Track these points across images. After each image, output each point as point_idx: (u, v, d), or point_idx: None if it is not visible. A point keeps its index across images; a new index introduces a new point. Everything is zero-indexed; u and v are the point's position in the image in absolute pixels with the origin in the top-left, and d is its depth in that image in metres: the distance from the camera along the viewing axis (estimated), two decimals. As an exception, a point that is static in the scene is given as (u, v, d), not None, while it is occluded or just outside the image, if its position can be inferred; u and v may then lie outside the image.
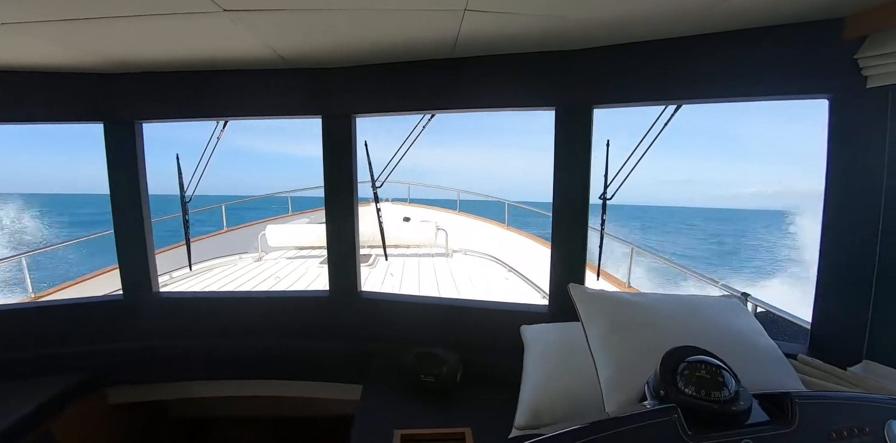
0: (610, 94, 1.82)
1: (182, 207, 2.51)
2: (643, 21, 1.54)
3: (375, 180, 2.37)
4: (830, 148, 1.56)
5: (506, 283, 4.74)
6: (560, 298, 1.97)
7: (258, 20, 1.48)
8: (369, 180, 2.43)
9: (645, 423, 0.83)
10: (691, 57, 1.68)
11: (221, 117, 2.31)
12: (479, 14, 1.42)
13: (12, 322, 2.29)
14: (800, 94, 1.59)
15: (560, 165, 1.92)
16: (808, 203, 39.97)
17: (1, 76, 2.04)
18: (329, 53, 1.90)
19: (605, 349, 1.31)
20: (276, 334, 2.28)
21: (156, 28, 1.54)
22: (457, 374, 1.84)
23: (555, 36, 1.67)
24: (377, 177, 2.38)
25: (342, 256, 2.29)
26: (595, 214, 2.02)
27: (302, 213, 9.51)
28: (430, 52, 1.87)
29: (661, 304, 1.43)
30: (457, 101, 2.02)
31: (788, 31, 1.54)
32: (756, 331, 1.42)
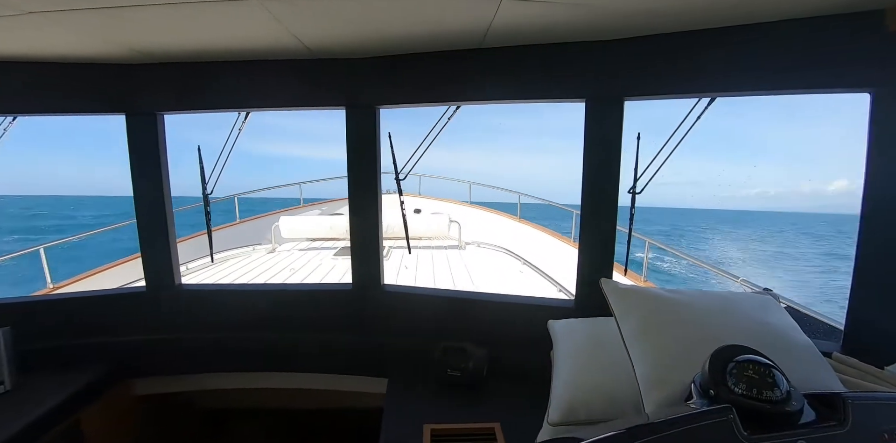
0: (642, 86, 1.78)
1: (204, 199, 2.51)
2: (681, 11, 1.50)
3: (399, 172, 2.35)
4: (871, 143, 1.52)
5: (521, 276, 4.72)
6: (587, 292, 1.95)
7: (287, 9, 1.45)
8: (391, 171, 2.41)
9: (700, 424, 0.81)
10: (727, 48, 1.63)
11: (243, 109, 2.29)
12: (516, 2, 1.38)
13: (39, 313, 2.32)
14: (840, 87, 1.55)
15: (590, 159, 1.89)
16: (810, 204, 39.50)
17: (23, 67, 2.04)
18: (355, 44, 1.87)
19: (641, 345, 1.29)
20: (299, 326, 2.29)
21: (185, 16, 1.52)
22: (483, 369, 1.84)
23: (587, 26, 1.64)
24: (400, 169, 2.36)
25: (365, 249, 2.28)
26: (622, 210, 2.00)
27: (313, 204, 9.53)
28: (460, 42, 1.84)
29: (696, 300, 1.41)
30: (484, 93, 1.98)
31: (828, 23, 1.49)
32: (792, 328, 1.40)
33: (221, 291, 2.44)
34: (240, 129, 2.41)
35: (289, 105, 2.20)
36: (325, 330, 2.26)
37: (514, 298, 2.19)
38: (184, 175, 6.36)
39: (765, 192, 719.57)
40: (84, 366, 2.14)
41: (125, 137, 2.26)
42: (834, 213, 27.53)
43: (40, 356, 2.15)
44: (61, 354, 2.19)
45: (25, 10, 1.41)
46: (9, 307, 2.32)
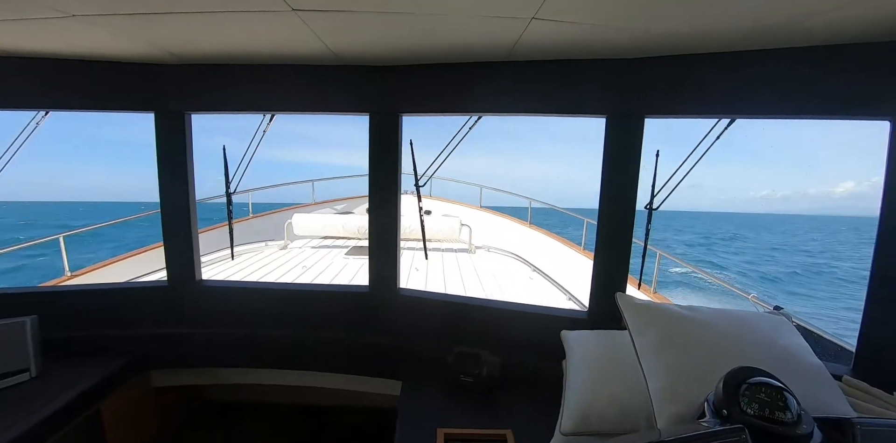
0: (663, 104, 1.81)
1: (227, 197, 2.58)
2: (700, 36, 1.53)
3: (419, 178, 2.39)
4: (889, 170, 1.54)
5: (530, 282, 4.75)
6: (601, 305, 1.98)
7: (321, 19, 1.50)
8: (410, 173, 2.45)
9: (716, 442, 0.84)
10: (749, 71, 1.66)
11: (269, 111, 2.34)
12: (544, 22, 1.42)
13: (64, 303, 2.39)
14: (858, 115, 1.56)
15: (608, 174, 1.91)
16: (818, 206, 38.84)
17: (59, 63, 2.10)
18: (383, 53, 1.92)
19: (656, 361, 1.32)
20: (315, 326, 2.34)
21: (222, 23, 1.58)
22: (496, 376, 1.87)
23: (612, 44, 1.67)
24: (420, 175, 2.41)
25: (383, 253, 2.32)
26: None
27: (325, 202, 9.60)
28: (485, 54, 1.88)
29: (711, 319, 1.43)
30: (506, 105, 2.02)
31: (849, 51, 1.52)
32: (805, 350, 1.42)
33: (241, 288, 2.49)
34: (264, 130, 2.47)
35: (313, 109, 2.24)
36: (340, 330, 2.31)
37: (527, 307, 2.22)
38: (202, 177, 6.48)
39: (771, 194, 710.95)
40: (106, 356, 2.20)
41: (147, 140, 2.32)
42: (847, 215, 26.84)
43: (64, 345, 2.23)
44: (84, 343, 2.26)
45: (69, 13, 1.47)
46: (36, 296, 2.40)
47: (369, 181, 2.26)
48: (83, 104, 2.24)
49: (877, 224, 1.58)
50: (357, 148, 2.44)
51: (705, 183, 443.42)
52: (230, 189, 2.54)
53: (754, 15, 1.34)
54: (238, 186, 2.61)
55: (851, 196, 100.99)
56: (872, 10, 1.21)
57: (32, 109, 2.30)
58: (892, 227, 1.55)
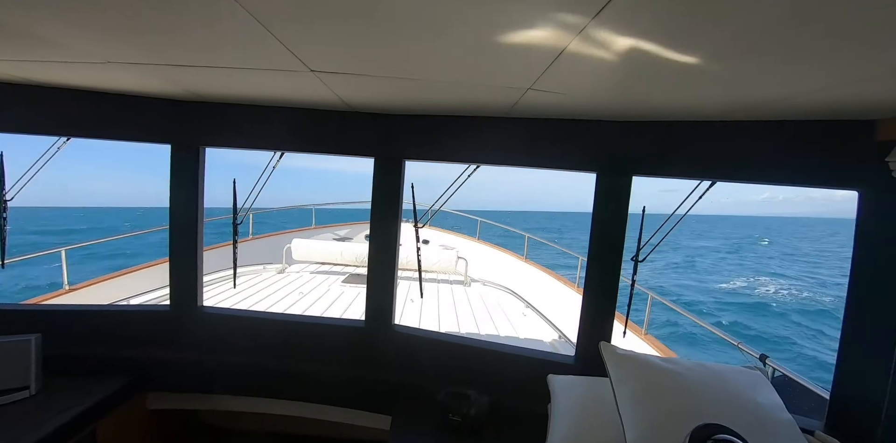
0: (649, 165, 1.95)
1: (233, 227, 2.68)
2: (690, 109, 1.67)
3: (418, 220, 2.50)
4: (857, 236, 1.66)
5: (523, 319, 4.79)
6: (588, 351, 2.06)
7: (336, 79, 1.65)
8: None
9: None
10: (729, 140, 1.80)
11: (279, 150, 2.47)
12: (539, 92, 1.57)
13: (67, 322, 2.45)
14: (830, 185, 1.70)
15: (597, 227, 2.03)
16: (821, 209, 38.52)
17: (87, 95, 2.23)
18: (389, 104, 2.06)
19: (633, 412, 1.40)
20: (311, 357, 2.40)
21: (244, 75, 1.72)
22: (484, 416, 1.93)
23: (603, 109, 1.82)
24: (420, 216, 2.52)
25: (381, 290, 2.42)
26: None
27: (325, 227, 9.70)
28: (486, 111, 2.03)
29: (689, 372, 1.52)
30: (503, 157, 2.16)
31: (825, 127, 1.65)
32: (777, 406, 1.50)
33: (240, 316, 2.56)
34: (274, 166, 2.59)
35: (321, 151, 2.38)
36: (335, 363, 2.37)
37: (518, 349, 2.29)
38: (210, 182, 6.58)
39: (773, 197, 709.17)
40: (104, 376, 2.25)
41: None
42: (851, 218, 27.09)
43: (64, 363, 2.27)
44: (84, 362, 2.31)
45: (105, 60, 1.61)
46: (39, 314, 2.46)
47: (371, 220, 2.37)
48: (104, 133, 2.35)
49: (846, 291, 1.69)
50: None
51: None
52: (237, 220, 2.64)
53: (729, 99, 1.50)
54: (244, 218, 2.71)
55: (854, 198, 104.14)
56: (838, 95, 1.35)
57: (55, 135, 2.42)
58: (862, 294, 1.65)
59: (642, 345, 4.03)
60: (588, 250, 2.06)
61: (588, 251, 2.06)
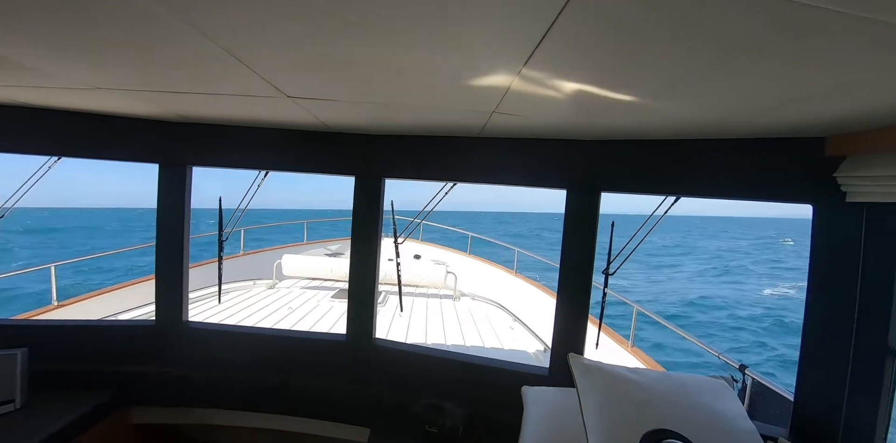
0: (615, 182, 2.04)
1: (219, 244, 2.74)
2: (650, 130, 1.77)
3: (398, 236, 2.58)
4: (814, 249, 1.74)
5: (510, 332, 4.84)
6: (561, 362, 2.11)
7: (312, 103, 1.74)
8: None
9: None
10: (690, 158, 1.90)
11: (263, 169, 2.57)
12: (503, 115, 1.67)
13: (53, 336, 2.49)
14: (785, 199, 1.78)
15: (568, 241, 2.12)
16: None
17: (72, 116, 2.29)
18: (368, 125, 2.16)
19: (596, 421, 1.46)
20: (293, 371, 2.44)
21: (226, 101, 1.81)
22: (459, 428, 1.97)
23: (568, 130, 1.92)
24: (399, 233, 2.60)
25: (361, 305, 2.48)
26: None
27: (318, 242, 9.73)
28: (460, 131, 2.13)
29: (652, 381, 1.57)
30: (477, 175, 2.25)
31: (778, 144, 1.75)
32: (738, 415, 1.55)
33: (224, 331, 2.61)
34: (259, 184, 2.68)
35: (304, 170, 2.47)
36: (317, 377, 2.40)
37: (495, 361, 2.35)
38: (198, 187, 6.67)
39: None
40: (89, 390, 2.28)
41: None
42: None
43: (49, 377, 2.30)
44: (69, 376, 2.34)
45: (94, 86, 1.69)
46: (25, 329, 2.50)
47: (352, 236, 2.45)
48: (93, 153, 2.42)
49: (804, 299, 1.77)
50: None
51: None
52: (223, 237, 2.71)
53: (676, 123, 1.59)
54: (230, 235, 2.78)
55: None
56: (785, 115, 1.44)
57: (46, 155, 2.49)
58: (818, 305, 1.73)
59: (629, 358, 4.08)
60: (560, 264, 2.14)
61: (560, 265, 2.14)
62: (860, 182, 1.57)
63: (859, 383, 1.64)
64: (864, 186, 1.56)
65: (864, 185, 1.57)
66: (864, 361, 1.63)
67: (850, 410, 1.65)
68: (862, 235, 1.63)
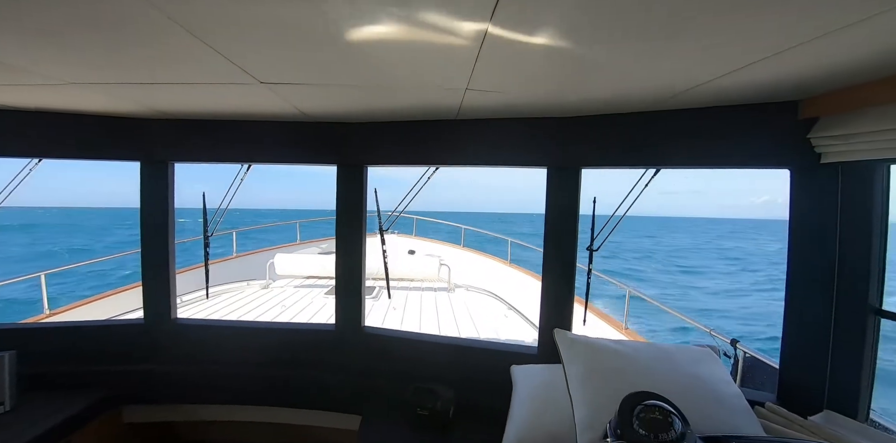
0: (595, 157, 2.03)
1: (204, 239, 2.72)
2: (617, 101, 1.77)
3: (383, 223, 2.57)
4: (792, 212, 1.74)
5: (505, 320, 4.85)
6: (549, 340, 2.12)
7: (286, 89, 1.73)
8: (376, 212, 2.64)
9: None
10: (666, 129, 1.89)
11: (245, 162, 2.55)
12: (477, 92, 1.65)
13: (42, 339, 2.48)
14: (763, 165, 1.78)
15: (551, 218, 2.11)
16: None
17: (53, 117, 2.29)
18: (346, 112, 2.15)
19: (581, 391, 1.46)
20: (284, 363, 2.43)
21: (201, 91, 1.80)
22: (450, 409, 1.97)
23: (544, 107, 1.91)
24: (384, 220, 2.59)
25: (348, 294, 2.47)
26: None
27: (310, 241, 9.72)
28: (438, 114, 2.11)
29: (636, 352, 1.58)
30: (459, 158, 2.24)
31: (750, 110, 1.75)
32: (722, 380, 1.56)
33: (213, 326, 2.59)
34: (241, 178, 2.66)
35: (286, 161, 2.46)
36: (308, 367, 2.40)
37: (483, 343, 2.35)
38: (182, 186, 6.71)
39: (772, 200, 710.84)
40: (79, 391, 2.26)
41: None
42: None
43: (39, 379, 2.28)
44: (59, 378, 2.32)
45: (66, 81, 1.68)
46: (14, 332, 2.48)
47: (336, 226, 2.44)
48: (73, 153, 2.41)
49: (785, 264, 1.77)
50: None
51: (707, 188, 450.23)
52: (208, 232, 2.69)
53: (636, 89, 1.59)
54: (216, 228, 2.77)
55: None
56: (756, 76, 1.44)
57: (26, 157, 2.46)
58: (798, 268, 1.73)
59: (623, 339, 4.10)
60: (543, 242, 2.13)
61: (543, 243, 2.13)
62: (833, 142, 1.57)
63: (842, 344, 1.65)
64: (836, 145, 1.57)
65: (837, 144, 1.57)
66: (846, 321, 1.64)
67: (834, 371, 1.66)
68: (838, 196, 1.63)
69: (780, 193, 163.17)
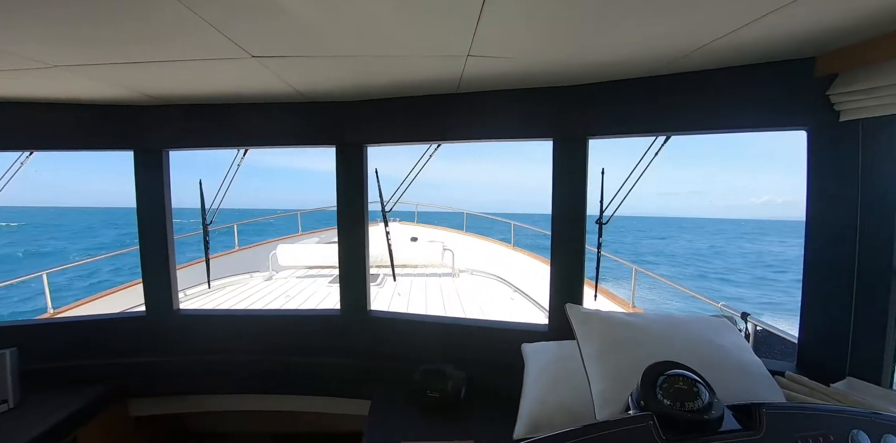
0: (603, 126, 1.95)
1: (203, 228, 2.67)
2: (629, 63, 1.68)
3: (385, 204, 2.50)
4: (810, 175, 1.67)
5: (511, 303, 4.82)
6: (559, 316, 2.07)
7: (279, 64, 1.65)
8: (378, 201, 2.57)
9: (624, 427, 0.93)
10: (676, 93, 1.81)
11: (242, 146, 2.48)
12: (479, 59, 1.57)
13: (44, 335, 2.43)
14: (778, 126, 1.71)
15: (558, 192, 2.04)
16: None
17: (43, 108, 2.23)
18: (343, 89, 2.07)
19: (597, 365, 1.41)
20: (290, 350, 2.40)
21: (193, 70, 1.72)
22: (461, 389, 1.93)
23: (550, 74, 1.82)
24: (386, 201, 2.52)
25: (353, 277, 2.41)
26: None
27: (312, 232, 9.69)
28: (438, 88, 2.03)
29: (651, 323, 1.52)
30: (461, 133, 2.16)
31: (765, 70, 1.67)
32: (741, 348, 1.51)
33: (217, 316, 2.55)
34: (238, 164, 2.59)
35: (283, 144, 2.38)
36: (315, 354, 2.36)
37: (492, 323, 2.30)
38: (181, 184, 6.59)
39: (772, 200, 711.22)
40: (84, 386, 2.23)
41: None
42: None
43: (43, 376, 2.25)
44: (63, 374, 2.29)
45: (52, 64, 1.61)
46: (16, 329, 2.44)
47: (338, 209, 2.37)
48: (65, 144, 2.34)
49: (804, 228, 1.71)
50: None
51: (707, 189, 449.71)
52: (206, 221, 2.63)
53: (649, 47, 1.51)
54: (216, 218, 2.71)
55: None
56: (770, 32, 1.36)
57: (16, 150, 2.40)
58: (817, 231, 1.67)
59: None
60: (551, 216, 2.07)
61: (551, 217, 2.07)
62: (854, 98, 1.49)
63: (864, 309, 1.59)
64: (858, 101, 1.49)
65: (858, 100, 1.49)
66: (869, 285, 1.58)
67: (856, 336, 1.61)
68: (859, 155, 1.56)
69: (779, 194, 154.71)
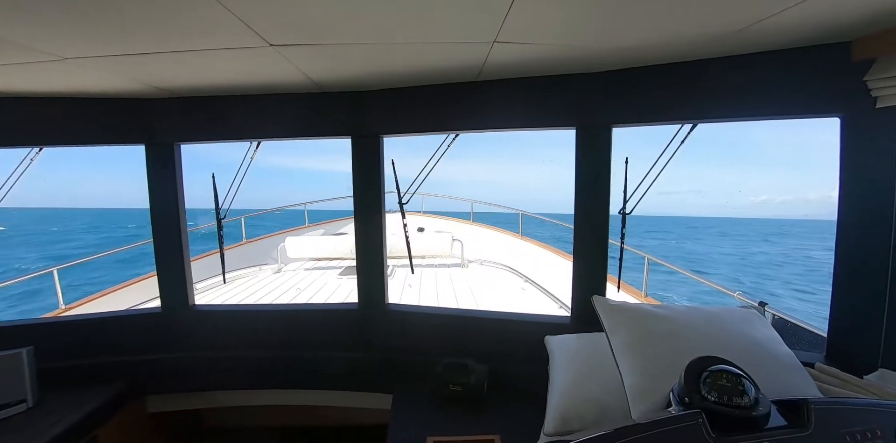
0: (627, 114, 1.90)
1: (217, 222, 2.64)
2: (659, 47, 1.63)
3: (402, 196, 2.47)
4: (843, 164, 1.62)
5: (522, 293, 4.80)
6: (582, 309, 2.04)
7: (298, 52, 1.61)
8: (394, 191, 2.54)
9: (671, 427, 0.90)
10: (705, 79, 1.76)
11: (256, 138, 2.43)
12: (506, 45, 1.52)
13: (59, 333, 2.42)
14: (812, 113, 1.65)
15: (581, 182, 2.00)
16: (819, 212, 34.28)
17: (52, 102, 2.20)
18: (360, 79, 2.02)
19: (629, 358, 1.38)
20: (308, 345, 2.38)
21: (204, 60, 1.68)
22: (484, 383, 1.92)
23: (575, 61, 1.77)
24: (403, 193, 2.49)
25: (371, 270, 2.39)
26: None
27: (318, 224, 9.67)
28: (457, 76, 1.98)
29: (681, 315, 1.49)
30: (480, 122, 2.11)
31: (798, 54, 1.61)
32: (774, 340, 1.48)
33: (233, 311, 2.54)
34: (252, 157, 2.55)
35: (298, 135, 2.33)
36: (333, 348, 2.35)
37: (513, 315, 2.28)
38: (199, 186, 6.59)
39: (770, 199, 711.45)
40: (101, 384, 2.23)
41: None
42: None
43: (60, 374, 2.25)
44: (80, 372, 2.29)
45: (62, 56, 1.57)
46: (31, 328, 2.43)
47: (354, 201, 2.34)
48: (75, 139, 2.31)
49: (836, 218, 1.67)
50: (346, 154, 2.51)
51: (707, 188, 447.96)
52: (220, 215, 2.60)
53: (695, 26, 1.45)
54: (228, 212, 2.68)
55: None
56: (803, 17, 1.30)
57: (26, 147, 2.37)
58: (850, 218, 1.63)
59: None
60: (574, 207, 2.03)
61: (574, 208, 2.03)
62: (893, 83, 1.44)
63: None
64: (895, 87, 1.44)
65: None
66: None
67: (890, 327, 1.57)
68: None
69: (778, 194, 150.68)
